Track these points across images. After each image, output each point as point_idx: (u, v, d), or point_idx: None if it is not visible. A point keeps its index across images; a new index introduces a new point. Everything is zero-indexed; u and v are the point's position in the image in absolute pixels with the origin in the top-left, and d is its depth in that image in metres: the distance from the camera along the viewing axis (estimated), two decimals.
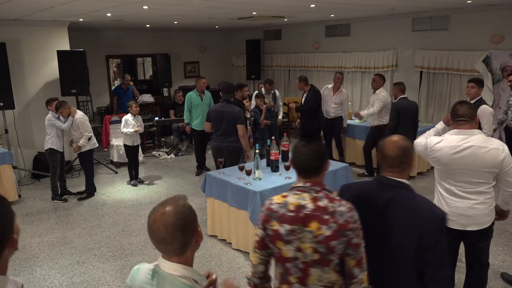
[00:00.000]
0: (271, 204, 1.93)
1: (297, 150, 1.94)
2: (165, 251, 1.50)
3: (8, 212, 1.35)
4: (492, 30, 7.01)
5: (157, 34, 10.90)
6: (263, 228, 1.93)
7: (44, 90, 7.50)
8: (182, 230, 1.46)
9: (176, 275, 1.48)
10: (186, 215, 1.48)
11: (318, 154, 1.91)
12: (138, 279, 1.56)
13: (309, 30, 10.20)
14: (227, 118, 5.37)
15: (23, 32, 7.22)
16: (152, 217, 1.48)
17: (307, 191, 1.89)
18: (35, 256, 4.66)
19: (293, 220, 1.84)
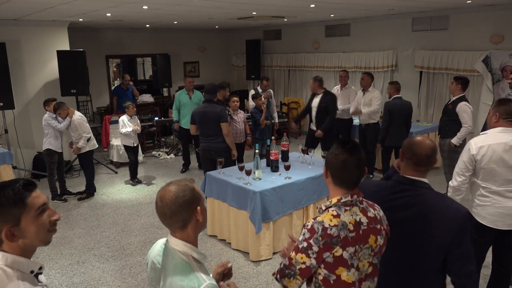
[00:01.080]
0: (326, 229, 1.71)
1: (344, 160, 1.77)
2: (167, 225, 1.62)
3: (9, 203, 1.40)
4: (491, 30, 7.01)
5: (157, 34, 10.90)
6: (318, 258, 1.72)
7: (44, 90, 7.50)
8: (180, 206, 1.56)
9: (177, 250, 1.59)
10: (185, 193, 1.58)
11: (364, 164, 1.81)
12: (154, 250, 1.71)
13: (309, 30, 10.20)
14: (210, 118, 5.35)
15: (23, 32, 7.21)
16: (158, 194, 1.61)
17: (355, 204, 1.79)
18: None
19: (355, 240, 1.72)
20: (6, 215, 1.34)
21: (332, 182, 1.82)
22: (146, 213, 5.84)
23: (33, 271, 1.40)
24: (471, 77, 7.35)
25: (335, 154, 1.79)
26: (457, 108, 5.37)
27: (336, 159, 1.78)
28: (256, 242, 4.33)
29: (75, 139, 6.20)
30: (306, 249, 1.73)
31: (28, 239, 1.38)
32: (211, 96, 5.53)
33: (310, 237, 1.73)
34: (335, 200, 1.79)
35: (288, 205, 4.51)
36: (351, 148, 1.79)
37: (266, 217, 4.31)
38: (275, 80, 11.40)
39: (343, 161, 1.76)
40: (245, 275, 4.17)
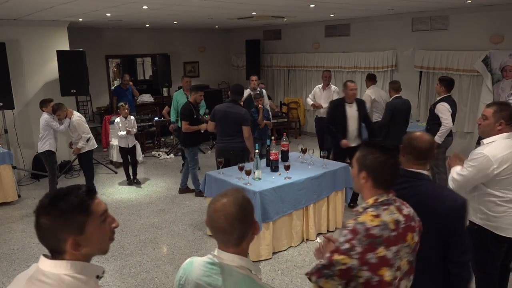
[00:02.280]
0: (368, 230, 1.71)
1: (384, 162, 1.80)
2: (223, 241, 1.52)
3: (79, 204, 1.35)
4: (491, 30, 7.01)
5: (157, 34, 10.90)
6: (361, 259, 1.70)
7: (43, 90, 7.50)
8: (241, 221, 1.48)
9: (233, 266, 1.50)
10: (245, 206, 1.51)
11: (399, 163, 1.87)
12: (194, 272, 1.57)
13: (308, 30, 10.20)
14: (232, 119, 5.34)
15: (23, 32, 7.22)
16: (212, 207, 1.51)
17: (391, 203, 1.81)
18: (35, 256, 4.66)
19: (397, 239, 1.74)
20: (71, 223, 1.28)
21: (371, 185, 1.83)
22: (146, 213, 5.83)
23: (98, 276, 1.37)
24: (471, 77, 7.36)
25: (375, 156, 1.81)
26: (435, 109, 5.57)
27: (376, 161, 1.80)
28: (255, 242, 4.33)
29: (74, 140, 6.21)
30: (348, 250, 1.71)
31: (91, 248, 1.33)
32: (235, 96, 5.51)
33: (352, 238, 1.72)
34: (372, 200, 1.81)
35: (288, 205, 4.51)
36: (389, 149, 1.83)
37: (266, 217, 4.31)
38: (275, 80, 11.40)
39: (383, 162, 1.80)
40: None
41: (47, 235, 1.29)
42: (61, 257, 1.31)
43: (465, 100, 7.55)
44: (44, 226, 1.29)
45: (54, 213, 1.28)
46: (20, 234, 5.27)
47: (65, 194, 1.31)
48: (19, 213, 5.92)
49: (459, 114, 7.65)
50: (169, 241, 4.92)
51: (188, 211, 5.81)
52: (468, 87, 7.46)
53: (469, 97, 7.46)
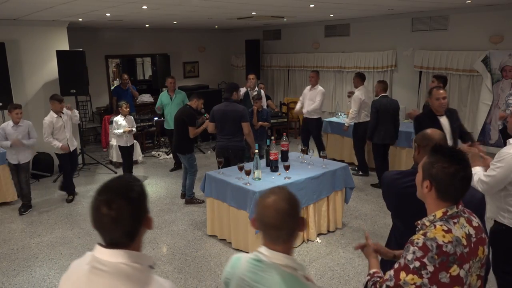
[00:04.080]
0: (441, 247, 1.57)
1: (454, 174, 1.63)
2: (273, 237, 1.52)
3: (144, 192, 1.42)
4: (491, 30, 7.01)
5: (157, 34, 10.90)
6: (432, 278, 1.58)
7: (43, 90, 7.50)
8: (292, 216, 1.50)
9: (279, 264, 1.50)
10: (295, 202, 1.53)
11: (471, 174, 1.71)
12: (240, 268, 1.58)
13: (308, 30, 10.20)
14: (231, 117, 5.38)
15: (22, 32, 7.21)
16: (262, 203, 1.53)
17: (460, 215, 1.67)
18: (35, 256, 4.66)
19: (469, 256, 1.61)
20: (146, 205, 1.39)
21: (435, 196, 1.68)
22: None
23: (151, 266, 1.39)
24: (471, 77, 7.37)
25: (443, 166, 1.64)
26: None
27: (443, 171, 1.63)
28: (256, 242, 4.33)
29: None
30: (419, 269, 1.59)
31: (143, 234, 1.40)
32: (229, 95, 5.55)
33: (423, 256, 1.58)
34: (440, 213, 1.67)
35: None
36: (460, 159, 1.65)
37: None
38: (275, 80, 11.40)
39: (451, 175, 1.63)
40: None
41: (128, 220, 1.32)
42: (130, 244, 1.34)
43: (464, 100, 7.55)
44: (117, 212, 1.30)
45: (130, 196, 1.33)
46: (20, 234, 5.26)
47: (133, 180, 1.40)
48: (19, 214, 5.92)
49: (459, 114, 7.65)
50: (168, 241, 4.92)
51: (188, 211, 5.81)
52: (467, 87, 7.46)
53: (469, 97, 7.47)
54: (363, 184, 6.77)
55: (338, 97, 9.71)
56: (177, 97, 7.65)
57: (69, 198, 6.36)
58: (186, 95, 7.76)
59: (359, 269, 4.24)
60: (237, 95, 5.83)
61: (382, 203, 5.91)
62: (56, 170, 7.64)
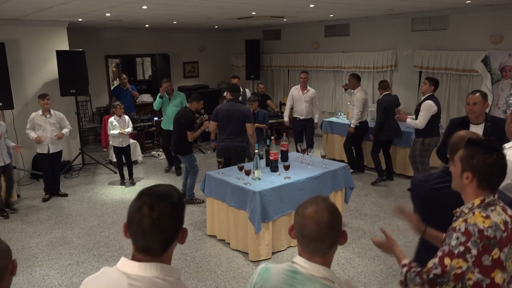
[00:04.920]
0: (482, 231, 1.67)
1: (493, 163, 1.74)
2: (312, 249, 1.45)
3: (183, 203, 1.41)
4: (491, 30, 7.01)
5: (157, 34, 10.89)
6: (476, 261, 1.68)
7: (43, 90, 7.48)
8: (334, 229, 1.44)
9: (318, 276, 1.44)
10: (337, 214, 1.47)
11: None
12: (272, 279, 1.49)
13: (308, 30, 10.20)
14: (236, 117, 5.37)
15: (22, 32, 7.21)
16: (302, 213, 1.46)
17: (496, 203, 1.77)
18: (34, 256, 4.66)
19: (507, 240, 1.72)
20: (182, 215, 1.39)
21: (476, 185, 1.78)
22: None
23: (180, 278, 1.38)
24: (470, 77, 7.37)
25: (483, 157, 1.74)
26: (422, 104, 5.74)
27: (484, 162, 1.74)
28: (255, 242, 4.33)
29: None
30: (464, 253, 1.68)
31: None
32: (236, 94, 5.58)
33: (467, 241, 1.68)
34: (478, 201, 1.76)
35: (288, 205, 4.51)
36: (497, 149, 1.76)
37: (265, 217, 4.31)
38: (275, 80, 11.40)
39: (491, 164, 1.74)
40: (244, 275, 4.17)
41: (161, 225, 1.30)
42: (162, 253, 1.33)
43: (464, 100, 7.53)
44: (159, 215, 1.29)
45: (176, 204, 1.34)
46: (20, 234, 5.26)
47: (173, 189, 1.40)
48: (18, 213, 5.92)
49: (459, 114, 7.67)
50: None
51: (188, 211, 5.81)
52: (467, 87, 7.46)
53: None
54: (363, 184, 6.77)
55: (338, 97, 9.71)
56: (176, 98, 7.58)
57: (45, 196, 6.37)
58: (185, 96, 7.71)
59: (359, 269, 4.24)
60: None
61: (382, 203, 5.92)
62: None
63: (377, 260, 4.39)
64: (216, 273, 4.23)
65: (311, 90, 7.53)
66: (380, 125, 6.49)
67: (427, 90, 5.81)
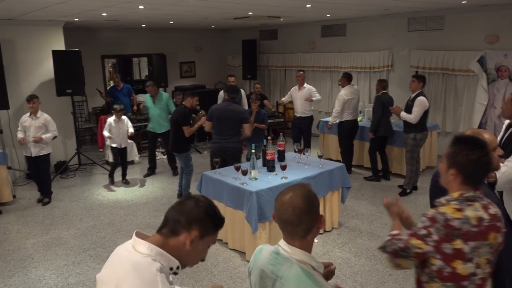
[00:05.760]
0: (448, 220, 1.75)
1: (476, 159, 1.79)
2: (290, 233, 1.57)
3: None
4: (487, 30, 7.04)
5: (153, 34, 10.87)
6: (436, 247, 1.76)
7: (39, 90, 7.45)
8: (308, 214, 1.53)
9: (295, 259, 1.54)
10: (312, 200, 1.56)
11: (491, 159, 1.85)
12: (261, 259, 1.66)
13: (305, 30, 10.21)
14: (232, 118, 5.34)
15: (18, 32, 7.18)
16: (280, 200, 1.58)
17: (476, 200, 1.81)
18: (30, 257, 4.64)
19: (477, 235, 1.75)
20: (206, 226, 1.48)
21: (461, 182, 1.83)
22: (142, 213, 5.82)
23: (172, 268, 1.46)
24: (467, 77, 7.40)
25: (466, 154, 1.79)
26: (415, 101, 5.83)
27: (468, 159, 1.79)
28: (252, 242, 4.33)
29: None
30: (425, 236, 1.77)
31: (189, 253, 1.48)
32: (232, 95, 5.54)
33: (430, 226, 1.77)
34: (457, 194, 1.82)
35: None
36: (480, 146, 1.80)
37: (262, 217, 4.31)
38: (271, 80, 11.40)
39: (475, 161, 1.79)
40: (241, 275, 4.17)
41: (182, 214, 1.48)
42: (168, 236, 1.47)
43: (460, 100, 7.58)
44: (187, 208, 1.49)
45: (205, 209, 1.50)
46: (16, 234, 5.24)
47: (217, 208, 1.56)
48: (14, 214, 5.89)
49: (455, 114, 7.70)
50: None
51: None
52: (463, 87, 7.49)
53: (465, 97, 7.50)
54: (360, 184, 6.78)
55: (335, 97, 9.68)
56: (160, 100, 7.48)
57: (40, 198, 6.32)
58: (169, 96, 7.70)
59: (355, 268, 4.24)
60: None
61: (379, 203, 5.92)
62: (52, 170, 7.62)
63: (373, 259, 4.40)
64: (213, 273, 4.22)
65: (307, 87, 7.56)
66: (378, 121, 6.54)
67: (416, 88, 5.93)
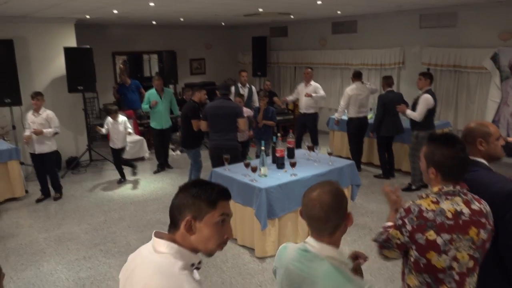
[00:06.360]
0: (422, 212, 1.80)
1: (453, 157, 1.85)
2: (318, 229, 1.57)
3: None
4: (500, 27, 6.94)
5: (163, 31, 10.91)
6: (411, 237, 1.82)
7: (51, 86, 7.55)
8: (336, 210, 1.53)
9: (324, 255, 1.54)
10: (341, 197, 1.56)
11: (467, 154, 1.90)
12: (287, 257, 1.63)
13: (315, 27, 10.16)
14: (227, 114, 5.33)
15: (30, 29, 7.26)
16: (308, 196, 1.59)
17: (457, 194, 1.84)
18: (42, 251, 4.70)
19: (452, 229, 1.78)
20: (196, 207, 1.42)
21: (442, 179, 1.87)
22: (152, 209, 5.86)
23: (193, 264, 1.45)
24: (479, 74, 7.31)
25: (442, 152, 1.85)
26: (420, 98, 5.84)
27: (444, 157, 1.84)
28: (261, 238, 4.34)
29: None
30: (400, 227, 1.85)
31: (198, 238, 1.43)
32: (225, 91, 5.55)
33: (405, 216, 1.84)
34: (436, 189, 1.87)
35: (294, 202, 4.50)
36: (456, 143, 1.86)
37: (271, 214, 4.31)
38: (281, 77, 11.38)
39: (452, 158, 1.84)
40: (250, 271, 4.18)
41: (174, 207, 1.46)
42: (172, 232, 1.46)
43: (473, 97, 7.49)
44: (176, 199, 1.46)
45: (190, 192, 1.44)
46: (28, 229, 5.31)
47: (205, 184, 1.47)
48: (27, 209, 5.97)
49: (467, 111, 7.62)
50: None
51: None
52: (476, 85, 7.40)
53: (477, 95, 7.41)
54: (369, 181, 6.75)
55: None
56: (167, 95, 7.54)
57: (40, 198, 6.25)
58: (172, 93, 7.80)
59: (364, 266, 4.18)
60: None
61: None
62: (64, 166, 7.70)
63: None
64: (222, 269, 4.24)
65: (313, 85, 7.65)
66: (378, 121, 6.53)
67: (424, 85, 5.91)
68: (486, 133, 2.20)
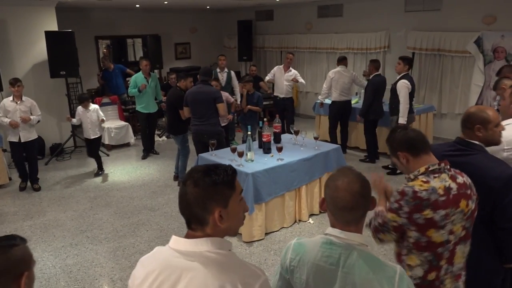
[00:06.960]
0: (416, 192, 1.85)
1: (407, 134, 1.99)
2: (346, 219, 1.52)
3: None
4: (484, 11, 6.99)
5: (147, 15, 10.72)
6: (409, 218, 1.86)
7: (32, 71, 7.38)
8: (366, 196, 1.52)
9: (354, 244, 1.51)
10: (367, 182, 1.55)
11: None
12: (310, 254, 1.55)
13: (301, 11, 10.10)
14: (205, 99, 5.31)
15: (10, 12, 7.05)
16: (333, 187, 1.53)
17: (443, 171, 1.92)
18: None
19: (446, 204, 1.85)
20: (220, 195, 1.35)
21: (413, 158, 1.96)
22: (139, 195, 5.84)
23: (231, 249, 1.43)
24: (463, 58, 7.37)
25: (394, 136, 2.03)
26: (397, 86, 5.94)
27: (401, 138, 1.99)
28: (248, 223, 4.37)
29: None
30: (397, 209, 1.89)
31: (229, 224, 1.38)
32: (205, 77, 5.49)
33: (400, 199, 1.88)
34: (423, 169, 1.92)
35: (281, 186, 4.54)
36: (399, 127, 2.05)
37: (258, 198, 4.34)
38: (267, 62, 11.32)
39: (405, 134, 1.99)
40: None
41: (194, 204, 1.34)
42: (200, 229, 1.36)
43: (456, 82, 7.57)
44: (193, 195, 1.33)
45: (206, 183, 1.33)
46: (12, 217, 5.25)
47: (215, 167, 1.38)
48: (11, 196, 5.90)
49: (451, 95, 7.71)
50: (162, 223, 4.94)
51: None
52: (459, 69, 7.48)
53: (461, 79, 7.49)
54: (355, 165, 6.82)
55: None
56: (153, 79, 7.47)
57: (22, 185, 6.12)
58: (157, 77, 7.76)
59: None
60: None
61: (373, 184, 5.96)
62: (48, 153, 7.60)
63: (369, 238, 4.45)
64: None
65: (293, 71, 7.69)
66: (368, 105, 6.56)
67: (401, 70, 5.98)
68: (485, 119, 2.23)
